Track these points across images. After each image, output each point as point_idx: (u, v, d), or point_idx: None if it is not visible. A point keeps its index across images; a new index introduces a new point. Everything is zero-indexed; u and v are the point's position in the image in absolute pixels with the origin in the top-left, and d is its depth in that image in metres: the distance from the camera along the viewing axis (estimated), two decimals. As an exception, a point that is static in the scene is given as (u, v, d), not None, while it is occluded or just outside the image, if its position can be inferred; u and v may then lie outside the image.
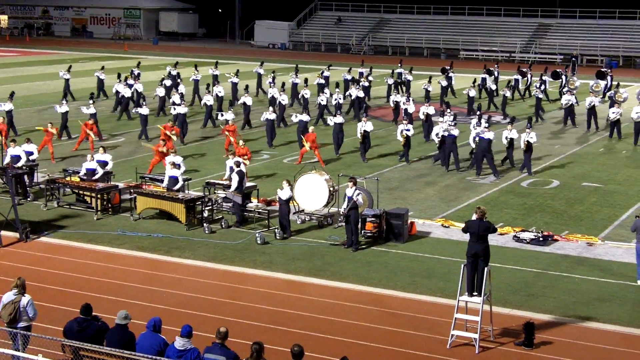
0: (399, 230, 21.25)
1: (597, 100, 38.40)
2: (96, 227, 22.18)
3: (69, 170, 25.64)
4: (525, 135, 28.75)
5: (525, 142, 28.65)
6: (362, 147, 30.72)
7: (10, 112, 33.49)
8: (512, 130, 29.24)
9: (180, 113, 33.64)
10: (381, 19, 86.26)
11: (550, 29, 78.57)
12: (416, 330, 15.95)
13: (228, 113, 32.35)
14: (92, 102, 34.26)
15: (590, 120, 38.02)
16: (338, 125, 31.47)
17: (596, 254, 20.72)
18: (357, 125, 30.92)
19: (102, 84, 44.58)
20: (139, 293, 17.55)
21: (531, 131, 29.00)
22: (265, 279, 18.69)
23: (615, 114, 35.92)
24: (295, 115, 32.60)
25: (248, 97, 37.06)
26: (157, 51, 78.29)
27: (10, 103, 33.93)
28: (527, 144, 28.63)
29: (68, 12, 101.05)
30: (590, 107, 37.90)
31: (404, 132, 30.02)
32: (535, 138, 28.97)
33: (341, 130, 31.59)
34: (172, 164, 23.64)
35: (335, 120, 31.59)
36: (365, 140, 30.55)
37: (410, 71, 48.55)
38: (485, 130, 28.59)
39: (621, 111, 36.34)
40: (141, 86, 40.95)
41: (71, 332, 12.52)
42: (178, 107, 33.86)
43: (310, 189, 22.71)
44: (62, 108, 33.43)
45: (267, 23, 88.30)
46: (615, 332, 16.11)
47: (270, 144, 32.92)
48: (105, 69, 45.93)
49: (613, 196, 26.42)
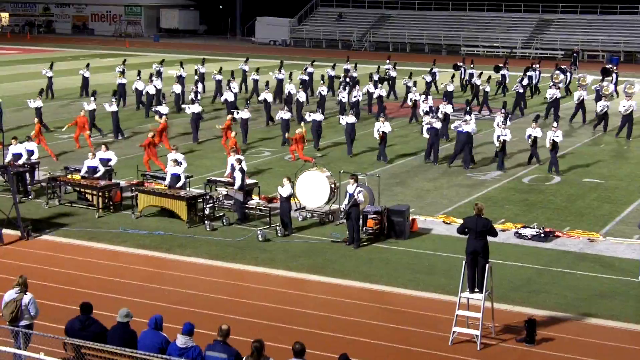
0: (400, 227, 21.25)
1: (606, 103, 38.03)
2: (97, 225, 22.19)
3: (70, 168, 25.65)
4: (551, 133, 28.30)
5: (551, 141, 28.18)
6: (382, 147, 29.96)
7: (39, 109, 34.09)
8: (536, 128, 28.86)
9: (195, 112, 33.20)
10: (382, 15, 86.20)
11: (551, 24, 78.50)
12: (417, 327, 15.95)
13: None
14: (114, 100, 34.14)
15: (577, 114, 38.56)
16: (350, 125, 30.81)
17: (597, 250, 20.71)
18: (375, 125, 30.10)
19: (87, 82, 44.34)
20: (141, 291, 17.57)
21: (557, 129, 28.54)
22: (266, 276, 18.70)
23: (603, 107, 36.29)
24: (309, 114, 31.88)
25: (268, 93, 37.34)
26: (158, 48, 78.26)
27: (40, 100, 34.66)
28: (553, 142, 28.14)
29: (69, 9, 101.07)
30: (579, 102, 38.29)
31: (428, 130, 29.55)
32: (561, 137, 28.51)
33: (353, 129, 30.91)
34: (174, 161, 23.63)
35: (348, 119, 30.89)
36: (383, 141, 29.78)
37: (394, 67, 48.45)
38: (462, 124, 29.04)
39: (608, 104, 36.66)
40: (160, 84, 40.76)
41: (73, 330, 12.52)
42: (192, 106, 33.54)
43: (312, 186, 22.71)
44: (90, 106, 33.42)
45: (268, 20, 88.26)
46: (617, 328, 16.10)
47: (285, 142, 32.19)
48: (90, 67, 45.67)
49: (614, 192, 26.40)
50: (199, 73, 45.72)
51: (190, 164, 27.17)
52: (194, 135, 33.14)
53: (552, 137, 28.23)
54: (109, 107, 33.30)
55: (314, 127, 31.76)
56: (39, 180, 25.62)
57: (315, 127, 31.74)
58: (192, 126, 33.25)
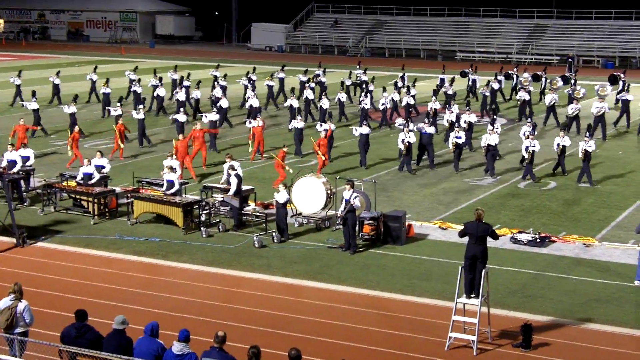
0: (396, 232, 21.24)
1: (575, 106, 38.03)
2: (93, 232, 22.15)
3: (66, 174, 25.62)
4: (584, 143, 27.54)
5: (583, 151, 27.43)
6: (408, 159, 29.01)
7: (37, 111, 34.27)
8: (564, 137, 28.48)
9: (212, 120, 32.87)
10: (378, 21, 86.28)
11: (546, 29, 78.64)
12: (414, 333, 15.94)
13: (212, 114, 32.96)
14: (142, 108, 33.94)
15: (549, 117, 38.87)
16: (364, 137, 29.78)
17: (593, 255, 20.72)
18: (399, 136, 29.22)
19: (58, 89, 44.05)
20: (137, 298, 17.53)
21: (590, 139, 27.67)
22: (263, 282, 18.67)
23: (574, 109, 36.50)
24: (320, 124, 31.05)
25: (294, 99, 37.62)
26: (154, 54, 78.27)
27: (35, 102, 34.79)
28: (585, 152, 27.42)
29: (64, 15, 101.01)
30: (551, 105, 38.67)
31: (454, 139, 29.14)
32: (593, 147, 27.68)
33: (367, 141, 29.91)
34: (169, 167, 23.63)
35: (361, 130, 29.79)
36: (408, 153, 28.87)
37: (365, 72, 48.46)
38: (425, 125, 29.58)
39: (580, 107, 36.89)
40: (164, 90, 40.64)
41: (69, 337, 12.49)
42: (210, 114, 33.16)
43: (308, 192, 22.70)
44: (117, 111, 33.56)
45: (263, 25, 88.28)
46: (613, 333, 16.11)
47: (298, 152, 31.64)
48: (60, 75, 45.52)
49: (610, 197, 26.43)
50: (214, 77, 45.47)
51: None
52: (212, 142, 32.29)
53: (585, 147, 27.40)
54: (135, 115, 33.04)
55: (295, 134, 31.58)
56: (34, 187, 25.58)
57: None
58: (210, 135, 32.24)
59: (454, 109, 33.71)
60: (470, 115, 32.73)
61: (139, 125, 32.72)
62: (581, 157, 27.64)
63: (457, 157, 29.58)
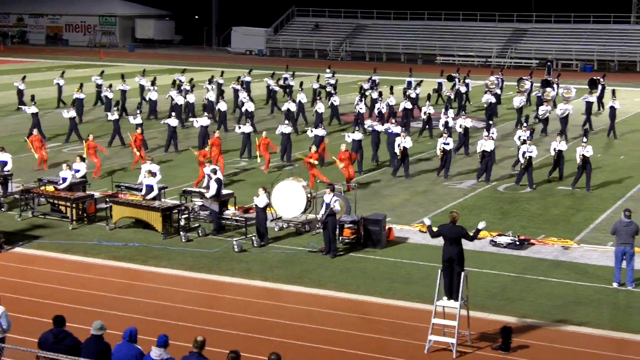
0: (376, 236, 21.26)
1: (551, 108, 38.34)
2: (72, 237, 22.02)
3: (44, 180, 25.45)
4: (581, 148, 27.26)
5: (581, 156, 27.17)
6: (401, 164, 28.94)
7: (36, 115, 34.49)
8: (561, 141, 28.35)
9: (203, 125, 32.38)
10: (358, 25, 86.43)
11: (525, 33, 79.04)
12: (394, 336, 15.95)
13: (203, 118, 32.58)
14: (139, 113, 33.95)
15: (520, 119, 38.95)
16: (357, 142, 29.67)
17: (572, 257, 20.83)
18: (396, 140, 28.98)
19: (22, 94, 43.74)
20: (115, 303, 17.43)
21: (587, 144, 27.41)
22: (242, 287, 18.62)
23: (544, 111, 37.03)
24: (311, 130, 30.97)
25: (292, 103, 37.58)
26: (133, 58, 77.99)
27: (34, 107, 34.96)
28: (583, 157, 27.17)
29: (43, 20, 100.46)
30: (519, 108, 39.30)
31: (442, 145, 28.81)
32: (591, 152, 27.31)
33: (360, 147, 29.74)
34: (149, 172, 23.54)
35: (354, 136, 29.55)
36: (404, 158, 28.85)
37: (292, 75, 48.42)
38: (392, 125, 30.03)
39: (549, 109, 37.34)
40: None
41: (46, 343, 12.39)
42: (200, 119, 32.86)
43: (288, 195, 22.66)
44: (114, 116, 33.54)
45: (244, 29, 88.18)
46: (591, 335, 16.18)
47: (283, 157, 31.36)
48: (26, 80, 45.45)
49: (588, 199, 26.58)
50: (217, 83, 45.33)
51: (168, 174, 27.12)
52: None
53: (583, 152, 27.16)
54: (133, 120, 32.82)
55: (353, 149, 30.35)
56: (12, 192, 25.39)
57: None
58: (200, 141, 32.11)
59: (449, 113, 33.93)
60: (466, 120, 32.66)
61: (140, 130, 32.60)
62: (579, 163, 27.39)
63: (445, 163, 29.11)
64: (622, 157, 33.04)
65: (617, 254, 18.69)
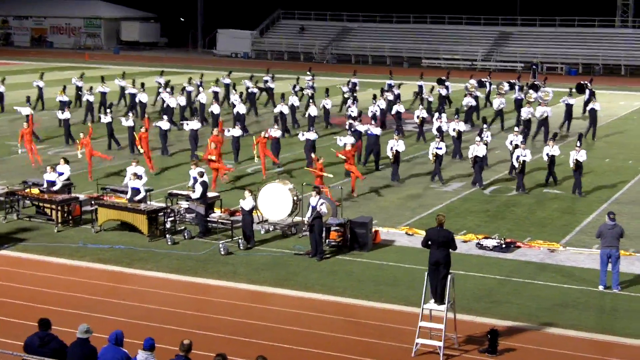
0: (363, 238, 21.24)
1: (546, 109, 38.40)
2: (57, 240, 21.91)
3: (29, 182, 25.32)
4: (575, 153, 27.12)
5: (574, 161, 27.05)
6: (395, 167, 28.65)
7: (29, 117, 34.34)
8: (553, 146, 28.07)
9: (193, 129, 32.02)
10: (344, 28, 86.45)
11: (511, 37, 79.29)
12: (381, 339, 15.94)
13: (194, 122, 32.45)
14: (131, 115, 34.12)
15: (504, 121, 39.55)
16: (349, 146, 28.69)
17: (558, 260, 20.89)
18: (388, 143, 28.73)
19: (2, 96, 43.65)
20: (101, 306, 17.35)
21: (581, 149, 27.20)
22: (229, 289, 18.57)
23: (527, 113, 37.18)
24: (302, 134, 30.70)
25: (284, 105, 37.58)
26: (119, 61, 77.74)
27: (29, 107, 35.15)
28: (577, 162, 27.06)
29: (27, 22, 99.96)
30: (499, 110, 39.47)
31: (434, 150, 28.40)
32: (584, 157, 27.14)
33: None
34: (134, 174, 23.45)
35: (346, 140, 28.87)
36: (396, 161, 28.58)
37: (272, 78, 48.46)
38: (371, 126, 30.44)
39: (532, 110, 37.42)
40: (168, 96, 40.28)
41: (32, 346, 12.32)
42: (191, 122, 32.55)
43: (274, 198, 22.63)
44: (107, 119, 33.41)
45: (229, 32, 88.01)
46: (578, 337, 16.23)
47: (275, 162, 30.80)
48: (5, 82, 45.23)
49: (574, 202, 26.66)
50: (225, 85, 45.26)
51: (153, 177, 27.05)
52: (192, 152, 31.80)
53: (576, 157, 27.07)
54: (125, 122, 32.67)
55: (233, 142, 30.99)
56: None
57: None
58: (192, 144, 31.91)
59: (443, 117, 33.94)
60: (459, 124, 32.61)
61: (129, 132, 32.51)
62: (572, 167, 27.30)
63: (438, 167, 28.74)
64: (607, 160, 33.18)
65: (602, 257, 18.77)
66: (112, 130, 33.54)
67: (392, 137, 29.09)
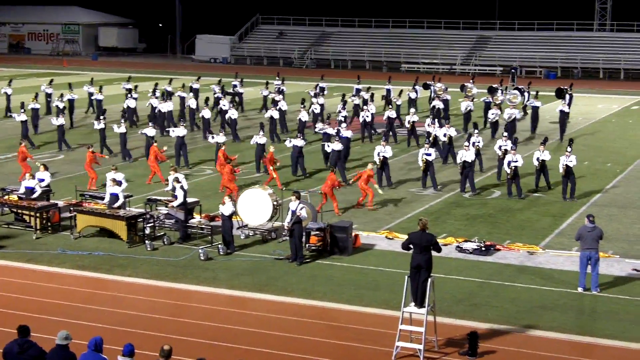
0: (343, 243, 21.25)
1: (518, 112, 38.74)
2: (36, 247, 21.77)
3: (7, 189, 25.16)
4: (565, 158, 26.92)
5: (564, 166, 26.83)
6: (380, 173, 28.29)
7: (25, 123, 34.74)
8: (544, 151, 27.86)
9: (179, 135, 31.52)
10: (323, 33, 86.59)
11: (489, 41, 79.71)
12: (361, 343, 15.94)
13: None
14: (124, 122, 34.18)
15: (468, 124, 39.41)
16: (336, 153, 28.81)
17: (537, 262, 20.98)
18: (375, 149, 28.73)
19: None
20: (80, 312, 17.25)
21: (570, 154, 26.91)
22: (209, 295, 18.52)
23: (494, 115, 38.19)
24: (289, 140, 30.35)
25: (275, 111, 37.57)
26: (97, 67, 77.46)
27: (24, 114, 35.29)
28: (566, 167, 26.84)
29: (5, 28, 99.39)
30: (467, 112, 40.10)
31: (424, 156, 28.13)
32: (575, 161, 26.95)
33: (339, 157, 29.02)
34: (113, 180, 23.35)
35: (334, 147, 28.76)
36: (384, 167, 28.49)
37: (241, 82, 48.52)
38: (342, 129, 31.30)
39: (499, 113, 38.40)
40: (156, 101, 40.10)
41: (11, 354, 12.24)
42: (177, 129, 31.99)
43: (254, 203, 22.60)
44: (99, 125, 33.28)
45: (208, 37, 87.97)
46: (558, 339, 16.30)
47: (259, 169, 30.76)
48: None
49: (553, 205, 26.78)
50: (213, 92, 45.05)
51: (131, 182, 26.91)
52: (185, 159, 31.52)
53: (566, 162, 26.87)
54: (117, 129, 32.42)
55: (257, 150, 30.66)
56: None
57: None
58: (177, 151, 31.48)
59: (436, 122, 34.02)
60: (450, 129, 32.59)
61: (121, 139, 32.39)
62: (562, 172, 27.16)
63: (427, 173, 28.45)
64: (586, 163, 33.36)
65: (582, 259, 18.86)
66: (105, 138, 33.40)
67: (380, 143, 29.10)
